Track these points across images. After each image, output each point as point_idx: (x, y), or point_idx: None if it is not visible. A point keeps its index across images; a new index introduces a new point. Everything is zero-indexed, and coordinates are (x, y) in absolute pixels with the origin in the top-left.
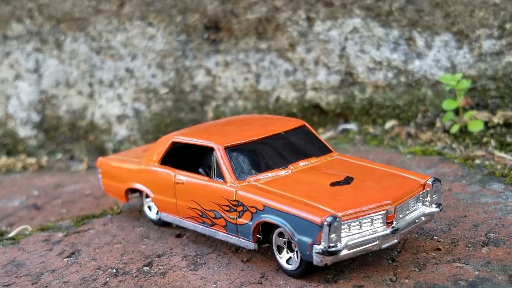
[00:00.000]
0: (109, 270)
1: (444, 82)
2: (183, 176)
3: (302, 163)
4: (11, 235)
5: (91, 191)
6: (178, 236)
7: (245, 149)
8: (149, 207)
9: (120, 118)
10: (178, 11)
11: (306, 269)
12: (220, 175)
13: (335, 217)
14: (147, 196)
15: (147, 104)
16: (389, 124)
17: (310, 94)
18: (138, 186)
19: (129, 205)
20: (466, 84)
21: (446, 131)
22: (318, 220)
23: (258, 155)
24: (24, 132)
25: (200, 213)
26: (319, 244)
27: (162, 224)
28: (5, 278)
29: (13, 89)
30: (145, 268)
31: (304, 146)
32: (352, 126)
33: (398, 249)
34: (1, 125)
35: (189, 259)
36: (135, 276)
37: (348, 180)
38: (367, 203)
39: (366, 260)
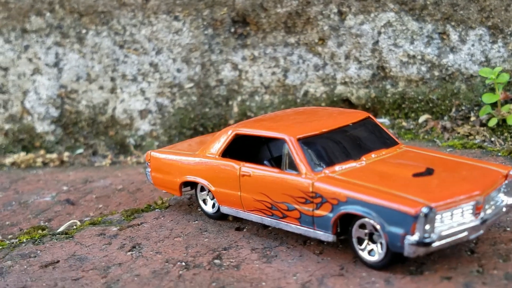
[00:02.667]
0: (178, 263)
1: (483, 75)
2: (250, 169)
3: (373, 155)
4: (60, 230)
5: (122, 186)
6: (238, 229)
7: (317, 140)
8: (204, 201)
9: (143, 113)
10: (205, 4)
11: (391, 261)
12: (293, 167)
13: (430, 208)
14: (201, 190)
15: (171, 99)
16: (422, 118)
17: (339, 89)
18: (195, 179)
19: (175, 199)
20: (506, 77)
21: (483, 124)
22: (412, 211)
23: (330, 147)
24: (41, 127)
25: (270, 206)
26: (412, 235)
27: (218, 217)
28: (71, 272)
29: (30, 83)
30: (216, 261)
31: (371, 137)
32: (384, 120)
33: (474, 241)
34: (16, 121)
35: (258, 251)
36: (208, 269)
37: (429, 171)
38: (458, 194)
39: (445, 252)
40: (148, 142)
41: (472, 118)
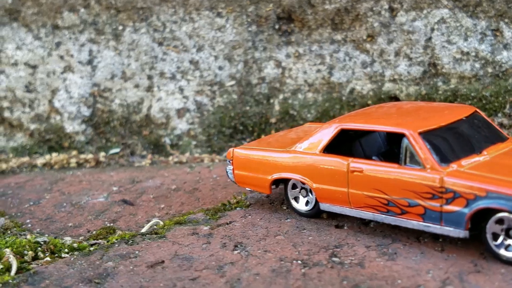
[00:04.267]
0: (294, 261)
1: None
2: (361, 164)
3: (493, 148)
4: (144, 230)
5: (176, 186)
6: (337, 227)
7: (438, 134)
8: (295, 198)
9: (180, 112)
10: (250, 1)
11: None
12: (414, 161)
13: None
14: (293, 187)
15: (210, 97)
16: None
17: (387, 86)
18: (291, 176)
19: (252, 197)
20: None
21: None
22: None
23: (450, 141)
24: (71, 127)
25: (386, 202)
26: None
27: (311, 215)
28: (184, 272)
29: (60, 82)
30: (334, 259)
31: (483, 131)
32: None
33: None
34: (43, 120)
35: (374, 249)
36: (331, 267)
37: None
38: None
39: None
40: (185, 141)
41: None
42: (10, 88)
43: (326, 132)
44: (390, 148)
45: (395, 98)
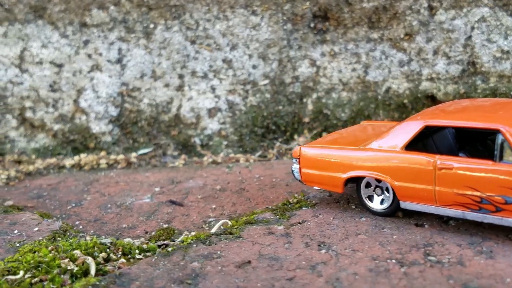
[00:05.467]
0: (389, 260)
1: None
2: (451, 162)
3: None
4: (213, 230)
5: (221, 186)
6: (417, 225)
7: None
8: (369, 197)
9: (211, 112)
10: None
11: None
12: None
13: None
14: (366, 186)
15: (243, 97)
16: None
17: (424, 85)
18: (369, 174)
19: (315, 196)
20: None
21: None
22: None
23: None
24: (97, 127)
25: (479, 200)
26: None
27: (385, 214)
28: (277, 272)
29: (87, 81)
30: (431, 258)
31: None
32: None
33: None
34: (67, 121)
35: (467, 247)
36: (430, 266)
37: None
38: None
39: None
40: (216, 141)
41: None
42: (33, 88)
43: (409, 129)
44: (460, 144)
45: (432, 97)
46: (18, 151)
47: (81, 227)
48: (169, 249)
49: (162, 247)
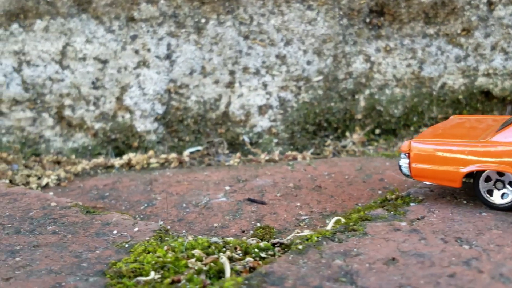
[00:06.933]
0: None
1: None
2: None
3: None
4: (328, 227)
5: (293, 184)
6: None
7: None
8: (488, 192)
9: (262, 109)
10: None
11: None
12: None
13: None
14: (486, 180)
15: (295, 93)
16: None
17: (480, 80)
18: (491, 167)
19: (416, 192)
20: None
21: None
22: None
23: None
24: (142, 125)
25: None
26: None
27: (506, 209)
28: (431, 268)
29: (133, 77)
30: None
31: None
32: None
33: None
34: (108, 119)
35: None
36: None
37: None
38: None
39: None
40: (266, 139)
41: None
42: (74, 85)
43: None
44: None
45: (487, 93)
46: (54, 152)
47: (168, 227)
48: (300, 247)
49: (276, 245)
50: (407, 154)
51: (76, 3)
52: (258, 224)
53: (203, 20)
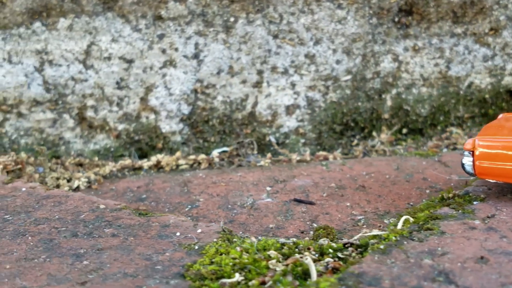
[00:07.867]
0: None
1: None
2: None
3: None
4: (399, 227)
5: (335, 184)
6: None
7: None
8: None
9: (290, 109)
10: None
11: None
12: None
13: None
14: None
15: (323, 93)
16: None
17: (507, 80)
18: None
19: (474, 190)
20: None
21: None
22: None
23: None
24: (167, 126)
25: None
26: None
27: None
28: None
29: (158, 77)
30: None
31: None
32: None
33: None
34: (132, 120)
35: None
36: None
37: None
38: None
39: None
40: (293, 139)
41: None
42: (98, 85)
43: None
44: None
45: (510, 92)
46: (75, 154)
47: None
48: (381, 247)
49: (346, 245)
50: (471, 152)
51: (101, 1)
52: (314, 225)
53: (232, 19)
